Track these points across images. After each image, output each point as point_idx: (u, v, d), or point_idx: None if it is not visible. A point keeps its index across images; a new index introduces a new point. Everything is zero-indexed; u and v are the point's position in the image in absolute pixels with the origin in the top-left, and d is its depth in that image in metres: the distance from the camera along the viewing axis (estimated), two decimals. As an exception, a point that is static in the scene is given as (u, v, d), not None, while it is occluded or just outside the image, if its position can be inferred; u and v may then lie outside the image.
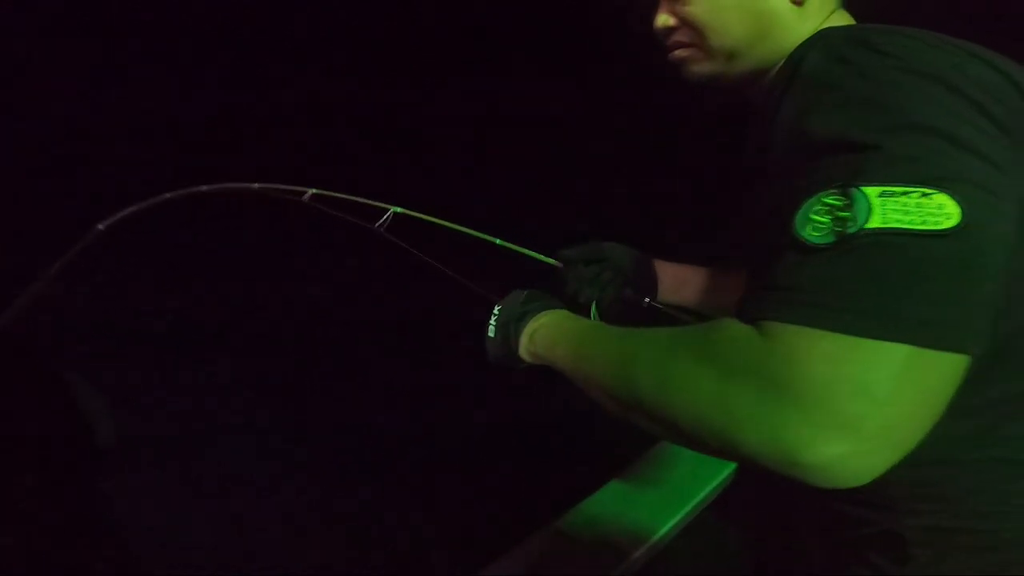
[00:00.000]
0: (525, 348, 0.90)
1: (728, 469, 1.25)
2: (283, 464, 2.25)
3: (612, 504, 1.23)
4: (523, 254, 1.07)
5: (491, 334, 0.93)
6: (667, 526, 1.18)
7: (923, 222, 0.55)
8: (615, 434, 0.96)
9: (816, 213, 0.60)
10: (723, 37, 0.92)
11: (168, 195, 1.21)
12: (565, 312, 0.90)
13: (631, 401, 0.68)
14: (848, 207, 0.58)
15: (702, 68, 0.98)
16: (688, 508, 1.20)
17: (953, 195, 0.56)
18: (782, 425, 0.55)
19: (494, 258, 1.08)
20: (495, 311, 0.94)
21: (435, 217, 1.09)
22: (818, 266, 0.59)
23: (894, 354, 0.54)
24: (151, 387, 2.47)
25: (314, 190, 1.14)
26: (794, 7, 0.89)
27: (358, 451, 2.32)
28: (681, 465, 1.27)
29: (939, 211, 0.56)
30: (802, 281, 0.59)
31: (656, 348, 0.70)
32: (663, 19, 0.96)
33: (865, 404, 0.53)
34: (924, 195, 0.56)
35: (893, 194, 0.57)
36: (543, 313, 0.91)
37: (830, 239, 0.58)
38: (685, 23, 0.95)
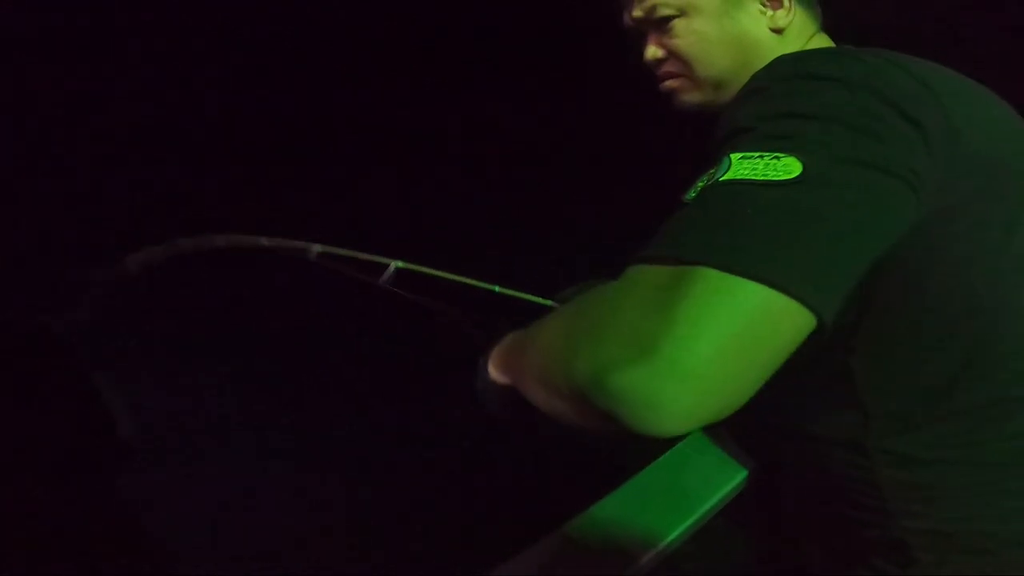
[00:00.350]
0: (492, 370, 0.95)
1: (740, 475, 1.26)
2: (287, 464, 2.25)
3: (621, 509, 1.22)
4: (523, 299, 1.13)
5: (476, 380, 0.98)
6: (676, 532, 1.18)
7: (764, 175, 0.62)
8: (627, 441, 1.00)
9: (700, 182, 0.69)
10: (709, 68, 1.07)
11: (181, 243, 1.27)
12: (515, 337, 0.94)
13: (539, 365, 0.70)
14: (716, 171, 0.67)
15: (692, 97, 1.11)
16: (698, 514, 1.20)
17: (800, 156, 0.63)
18: (597, 350, 0.57)
19: (496, 300, 1.15)
20: (479, 362, 0.99)
21: (435, 270, 1.16)
22: (674, 215, 0.68)
23: (703, 277, 0.57)
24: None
25: (319, 247, 1.22)
26: (775, 35, 1.04)
27: (366, 452, 2.32)
28: (692, 471, 1.27)
29: (783, 168, 0.63)
30: (660, 230, 0.67)
31: (570, 304, 0.76)
32: (652, 51, 1.09)
33: (664, 325, 0.54)
34: (775, 158, 0.64)
35: (750, 157, 0.65)
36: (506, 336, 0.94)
37: (693, 194, 0.68)
38: (673, 55, 1.08)
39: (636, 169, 3.70)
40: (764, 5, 1.05)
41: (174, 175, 4.07)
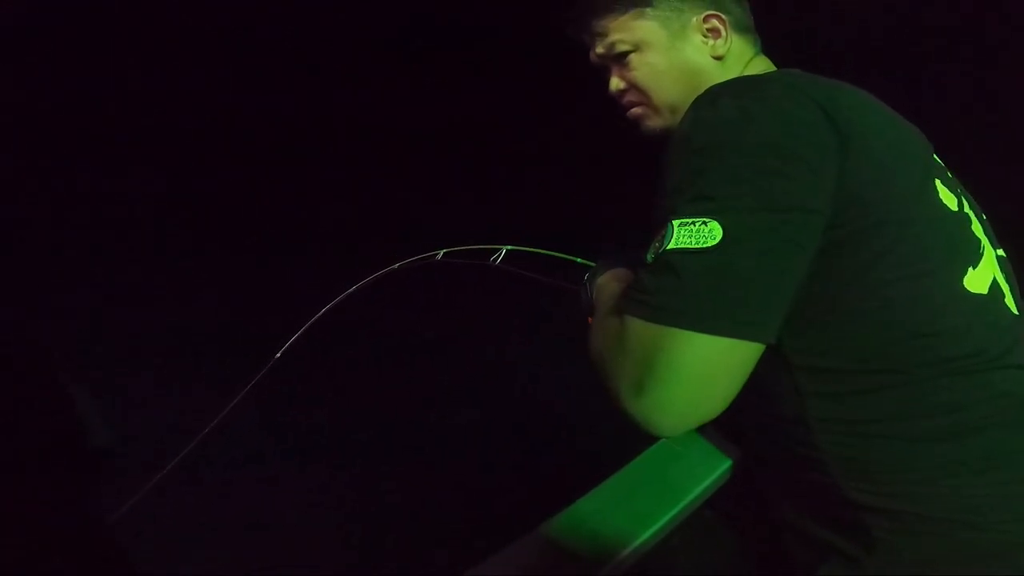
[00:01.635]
0: (594, 298, 1.12)
1: (724, 466, 1.27)
2: (288, 462, 2.26)
3: (608, 501, 1.24)
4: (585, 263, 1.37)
5: (582, 292, 1.19)
6: (661, 522, 1.20)
7: (695, 242, 0.80)
8: (614, 435, 1.05)
9: (655, 240, 0.86)
10: (662, 95, 1.19)
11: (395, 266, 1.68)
12: (617, 272, 1.15)
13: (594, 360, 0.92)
14: (664, 235, 0.84)
15: (654, 123, 1.24)
16: (682, 504, 1.21)
17: (720, 220, 0.80)
18: (614, 382, 0.83)
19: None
20: (586, 276, 1.21)
21: (539, 248, 1.48)
22: (641, 276, 0.86)
23: (669, 336, 0.79)
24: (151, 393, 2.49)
25: (444, 250, 1.59)
26: (716, 62, 1.17)
27: (355, 452, 2.33)
28: (677, 464, 1.28)
29: (709, 234, 0.80)
30: (632, 285, 0.87)
31: (605, 314, 0.97)
32: (615, 83, 1.23)
33: (647, 373, 0.79)
34: (704, 223, 0.81)
35: (686, 224, 0.82)
36: (607, 272, 1.15)
37: (651, 257, 0.85)
38: (632, 86, 1.22)
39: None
40: (705, 36, 1.17)
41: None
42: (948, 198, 1.00)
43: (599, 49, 1.22)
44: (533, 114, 4.36)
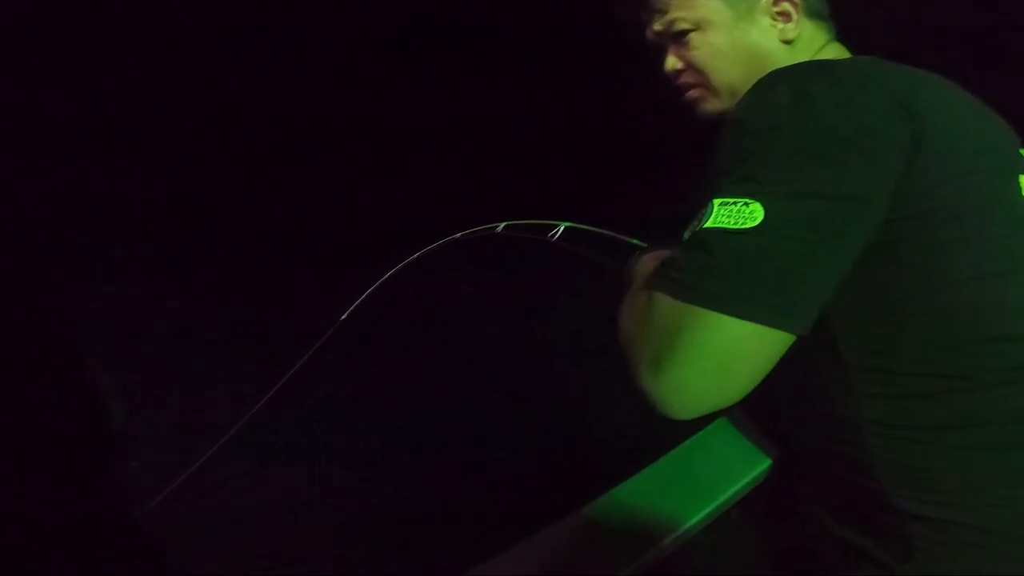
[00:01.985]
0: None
1: (763, 465, 1.25)
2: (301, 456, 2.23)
3: (641, 493, 1.22)
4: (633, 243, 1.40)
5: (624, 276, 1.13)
6: (695, 518, 1.18)
7: (735, 224, 0.77)
8: (648, 428, 1.04)
9: (695, 218, 0.83)
10: (723, 77, 1.12)
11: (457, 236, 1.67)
12: (659, 253, 1.09)
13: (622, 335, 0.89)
14: (703, 214, 0.81)
15: (712, 106, 1.17)
16: (719, 502, 1.20)
17: (763, 202, 0.77)
18: (635, 358, 0.80)
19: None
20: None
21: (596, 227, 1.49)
22: (675, 254, 0.83)
23: (695, 315, 0.75)
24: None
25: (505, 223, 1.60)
26: (785, 47, 1.10)
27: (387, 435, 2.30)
28: (714, 459, 1.27)
29: (750, 215, 0.76)
30: (664, 262, 0.84)
31: (636, 290, 0.93)
32: (671, 62, 1.15)
33: (669, 352, 0.76)
34: (745, 204, 0.77)
35: (727, 204, 0.79)
36: (649, 253, 1.11)
37: (688, 235, 0.82)
38: (690, 66, 1.14)
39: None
40: (774, 19, 1.10)
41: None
42: None
43: (657, 26, 1.14)
44: (532, 114, 4.35)
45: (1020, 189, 0.93)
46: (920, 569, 0.88)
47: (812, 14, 1.12)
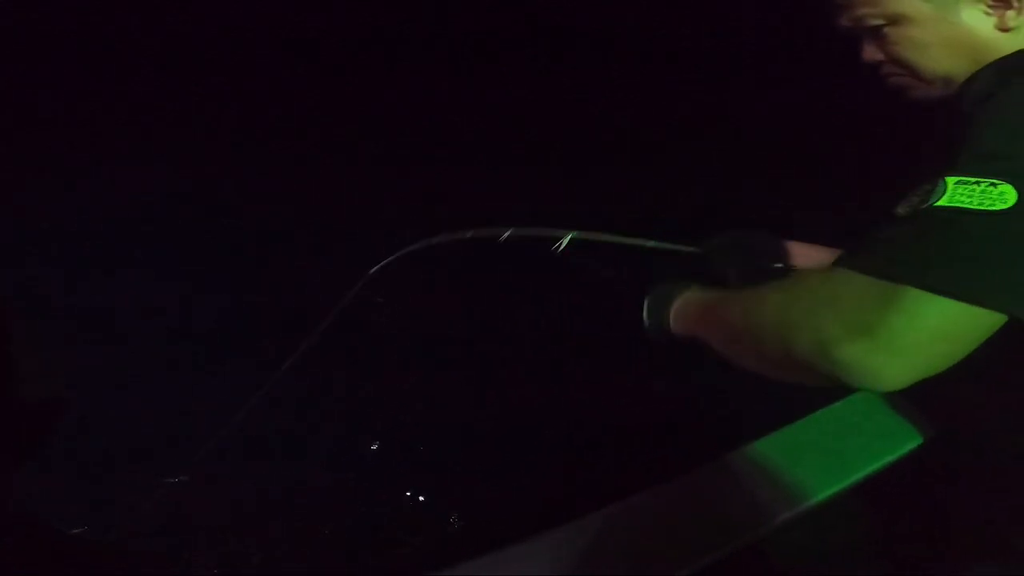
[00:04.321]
0: (673, 321, 1.06)
1: (909, 445, 1.17)
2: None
3: (770, 457, 1.16)
4: (670, 249, 1.28)
5: (646, 317, 1.09)
6: (825, 492, 1.11)
7: (980, 204, 0.70)
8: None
9: (914, 195, 0.76)
10: (932, 70, 1.01)
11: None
12: (698, 288, 1.07)
13: (755, 332, 0.85)
14: (932, 191, 0.74)
15: (923, 93, 1.05)
16: (851, 479, 1.13)
17: (1016, 185, 0.70)
18: (820, 329, 0.73)
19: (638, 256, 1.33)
20: (646, 302, 1.11)
21: (603, 234, 1.34)
22: (888, 230, 0.76)
23: (909, 294, 0.70)
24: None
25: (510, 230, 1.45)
26: (1005, 34, 0.96)
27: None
28: (857, 430, 1.19)
29: (999, 197, 0.70)
30: (872, 240, 0.77)
31: (781, 289, 0.88)
32: (870, 53, 1.05)
33: (880, 317, 0.70)
34: (992, 184, 0.71)
35: (967, 183, 0.72)
36: (684, 293, 1.07)
37: (908, 212, 0.76)
38: (890, 59, 1.03)
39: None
40: (989, 7, 0.97)
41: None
42: None
43: (844, 21, 1.05)
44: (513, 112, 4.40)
45: None
46: None
47: None
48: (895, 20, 1.00)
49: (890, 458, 1.15)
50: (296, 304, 2.57)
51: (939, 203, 0.73)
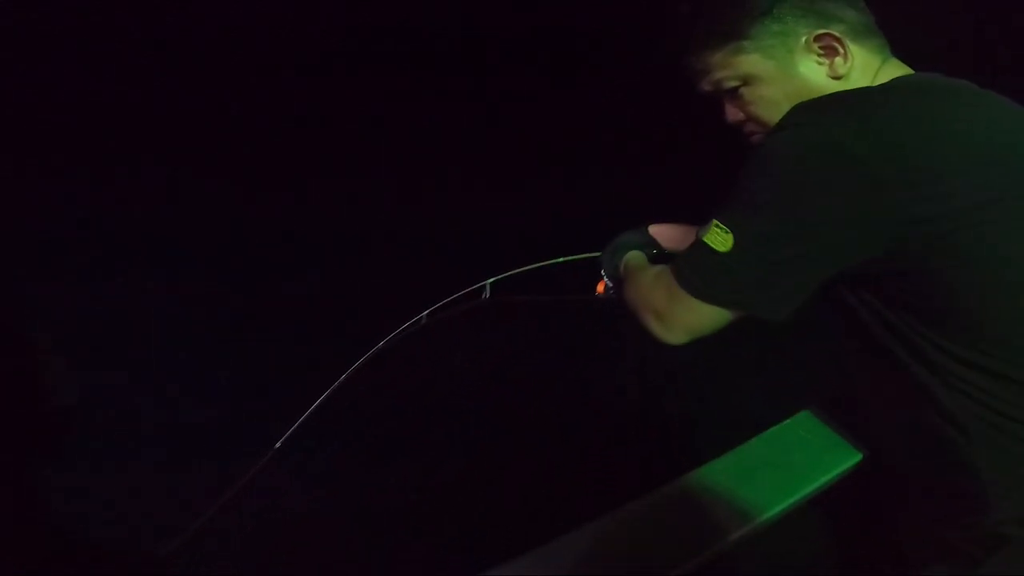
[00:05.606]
0: (621, 269, 1.35)
1: (854, 459, 1.22)
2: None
3: (725, 476, 1.21)
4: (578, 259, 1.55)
5: (604, 263, 1.40)
6: (778, 508, 1.16)
7: (714, 244, 1.01)
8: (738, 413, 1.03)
9: (706, 226, 1.05)
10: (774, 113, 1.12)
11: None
12: (639, 255, 1.37)
13: (630, 297, 1.19)
14: (706, 226, 1.04)
15: None
16: (804, 493, 1.17)
17: (735, 236, 0.99)
18: (649, 314, 1.10)
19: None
20: (606, 251, 1.41)
21: (519, 268, 1.56)
22: (688, 248, 1.08)
23: (676, 290, 1.06)
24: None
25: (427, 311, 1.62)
26: (839, 82, 1.11)
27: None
28: (804, 447, 1.24)
29: (725, 243, 1.00)
30: (683, 252, 1.10)
31: (646, 276, 1.19)
32: (732, 114, 1.19)
33: (672, 310, 1.08)
34: (727, 232, 1.00)
35: (719, 227, 1.01)
36: (632, 253, 1.37)
37: (699, 236, 1.05)
38: (750, 118, 1.17)
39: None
40: (820, 56, 1.10)
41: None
42: None
43: (705, 86, 1.18)
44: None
45: None
46: (1010, 560, 0.95)
47: (859, 36, 1.11)
48: (747, 81, 1.13)
49: (839, 470, 1.20)
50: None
51: (704, 237, 1.03)
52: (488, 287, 1.49)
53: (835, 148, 0.95)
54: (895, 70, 1.11)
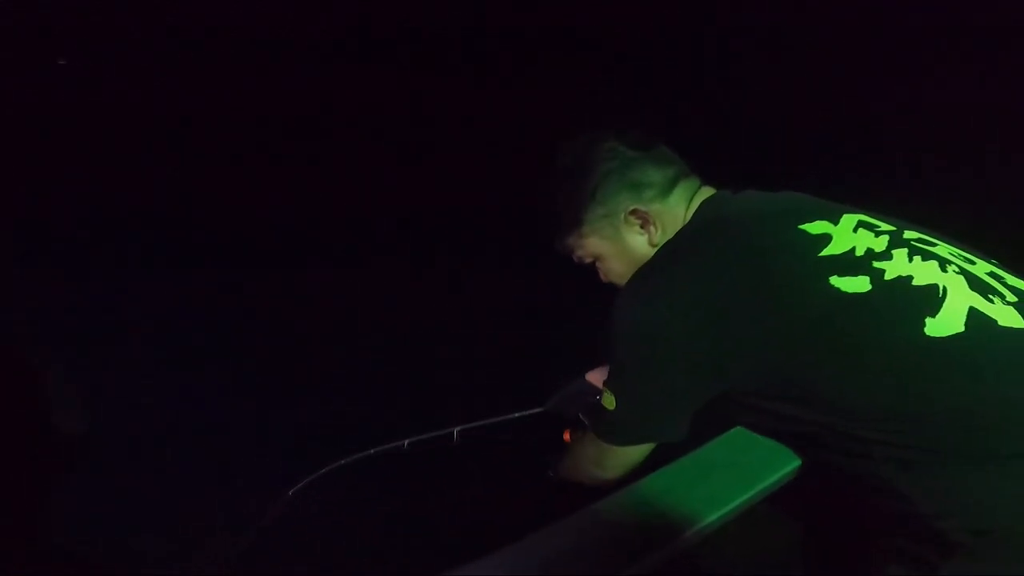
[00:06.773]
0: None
1: (795, 463, 1.29)
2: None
3: (672, 483, 1.28)
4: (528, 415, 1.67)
5: (563, 411, 1.58)
6: (725, 509, 1.22)
7: (607, 403, 1.27)
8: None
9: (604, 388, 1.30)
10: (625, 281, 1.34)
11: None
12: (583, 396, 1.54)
13: (570, 465, 1.49)
14: (604, 389, 1.29)
15: None
16: (750, 494, 1.24)
17: (615, 396, 1.26)
18: (590, 466, 1.39)
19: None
20: (550, 404, 1.61)
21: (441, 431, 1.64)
22: (596, 416, 1.34)
23: (602, 446, 1.33)
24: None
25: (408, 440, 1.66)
26: (654, 247, 1.34)
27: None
28: (748, 454, 1.31)
29: (611, 402, 1.26)
30: (594, 420, 1.36)
31: (580, 445, 1.44)
32: (601, 275, 1.43)
33: (600, 467, 1.36)
34: (612, 395, 1.26)
35: (606, 391, 1.27)
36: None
37: (603, 398, 1.29)
38: (610, 283, 1.42)
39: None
40: (640, 229, 1.35)
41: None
42: (856, 284, 1.11)
43: (574, 258, 1.43)
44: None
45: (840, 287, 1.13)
46: (964, 565, 0.97)
47: (667, 191, 1.34)
48: (596, 257, 1.40)
49: (779, 474, 1.28)
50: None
51: (603, 399, 1.28)
52: (456, 433, 1.62)
53: (657, 328, 1.19)
54: (703, 200, 1.33)
